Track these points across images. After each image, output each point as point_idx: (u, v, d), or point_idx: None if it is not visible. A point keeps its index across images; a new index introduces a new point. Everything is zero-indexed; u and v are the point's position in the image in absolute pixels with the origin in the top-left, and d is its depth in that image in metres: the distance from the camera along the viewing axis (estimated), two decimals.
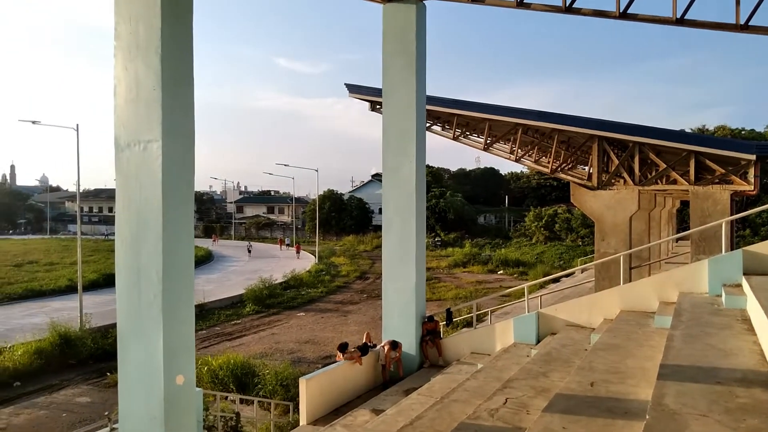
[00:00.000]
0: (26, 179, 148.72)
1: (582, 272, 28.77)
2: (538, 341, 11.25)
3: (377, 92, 17.39)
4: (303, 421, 9.95)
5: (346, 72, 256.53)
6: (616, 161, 19.77)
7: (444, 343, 12.72)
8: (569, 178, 22.51)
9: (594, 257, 23.58)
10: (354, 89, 22.25)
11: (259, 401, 13.24)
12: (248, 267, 46.96)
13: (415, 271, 12.37)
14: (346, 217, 75.58)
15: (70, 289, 31.93)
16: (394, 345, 11.93)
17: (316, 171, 59.46)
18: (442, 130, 24.69)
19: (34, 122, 25.54)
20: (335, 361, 11.19)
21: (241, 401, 13.75)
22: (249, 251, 59.10)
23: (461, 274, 41.97)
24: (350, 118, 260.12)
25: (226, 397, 14.05)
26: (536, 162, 25.65)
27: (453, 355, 12.47)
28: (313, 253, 54.80)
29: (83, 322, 22.14)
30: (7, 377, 17.60)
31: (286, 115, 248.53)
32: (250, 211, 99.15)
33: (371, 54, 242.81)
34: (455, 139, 23.89)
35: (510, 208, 78.18)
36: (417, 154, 12.37)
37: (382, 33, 12.57)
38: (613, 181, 19.85)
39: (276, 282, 34.74)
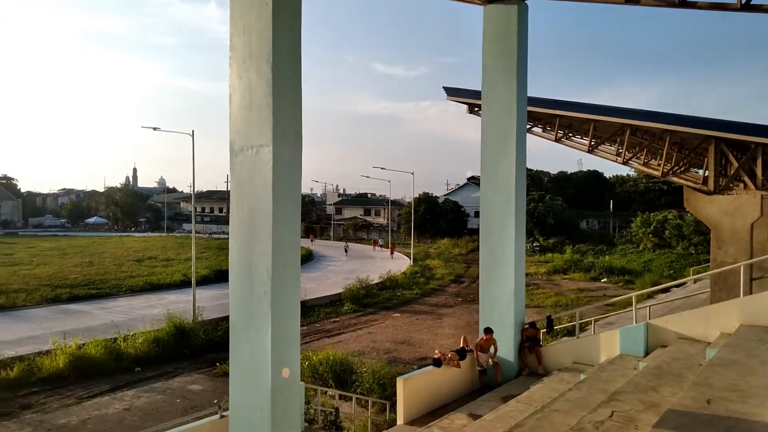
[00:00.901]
0: (146, 181, 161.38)
1: (694, 282, 26.82)
2: (647, 353, 10.66)
3: (476, 94, 17.21)
4: (400, 420, 10.08)
5: (443, 75, 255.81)
6: (736, 164, 18.26)
7: (544, 351, 12.38)
8: (682, 182, 21.06)
9: (710, 267, 21.91)
10: (452, 92, 22.15)
11: (357, 398, 13.54)
12: (346, 267, 48.13)
13: (514, 275, 12.13)
14: (440, 220, 75.35)
15: (184, 284, 34.35)
16: (489, 330, 11.77)
17: (412, 174, 59.96)
18: (543, 131, 23.99)
19: (154, 129, 27.77)
20: (431, 364, 11.22)
21: (340, 397, 14.13)
22: (346, 251, 61.33)
23: (561, 281, 40.54)
24: (446, 121, 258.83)
25: (325, 392, 14.50)
26: (645, 164, 24.23)
27: (553, 364, 12.10)
28: (407, 255, 55.19)
29: (196, 314, 23.71)
30: (129, 363, 19.23)
31: (383, 119, 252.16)
32: (348, 212, 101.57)
33: (468, 56, 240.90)
34: (557, 141, 23.13)
35: (615, 213, 74.38)
36: (517, 156, 12.15)
37: (482, 34, 12.47)
38: (731, 185, 18.36)
39: (372, 282, 35.38)
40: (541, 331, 13.28)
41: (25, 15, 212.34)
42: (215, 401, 15.29)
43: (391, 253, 59.98)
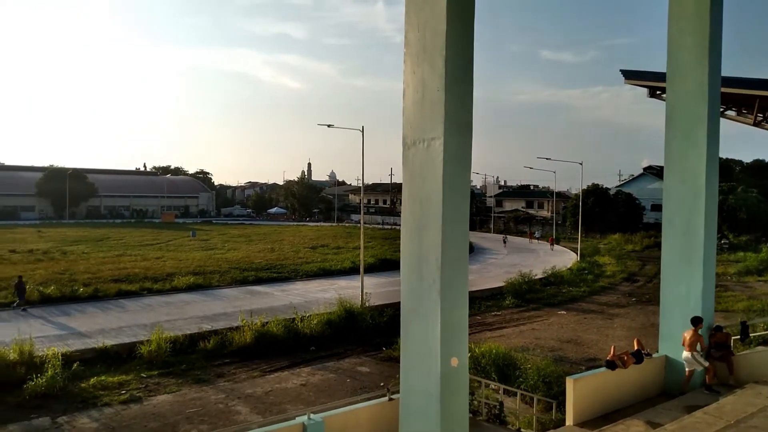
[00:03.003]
0: (319, 175, 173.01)
1: None
2: None
3: (658, 77, 15.82)
4: (569, 421, 9.69)
5: (614, 59, 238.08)
6: None
7: (736, 361, 11.06)
8: None
9: None
10: (630, 75, 20.55)
11: (522, 394, 13.29)
12: (506, 260, 47.25)
13: (702, 275, 10.96)
14: (611, 213, 70.52)
15: (352, 270, 36.33)
16: (698, 321, 10.71)
17: (580, 164, 56.67)
18: (738, 115, 21.32)
19: (329, 126, 29.58)
20: (604, 365, 10.61)
21: (504, 391, 13.97)
22: (504, 243, 61.34)
23: (755, 283, 35.77)
24: (618, 108, 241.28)
25: (488, 385, 14.43)
26: None
27: (747, 375, 10.76)
28: (573, 249, 52.59)
29: (364, 300, 24.97)
30: (305, 342, 20.85)
31: (548, 107, 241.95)
32: (508, 205, 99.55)
33: (642, 37, 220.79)
34: (756, 125, 20.42)
35: None
36: (708, 143, 10.93)
37: (668, 11, 11.39)
38: None
39: (536, 277, 34.31)
40: (732, 337, 11.87)
41: (214, 21, 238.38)
42: (381, 384, 16.07)
43: (551, 245, 58.66)
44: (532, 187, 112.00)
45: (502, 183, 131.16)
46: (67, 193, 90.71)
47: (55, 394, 15.17)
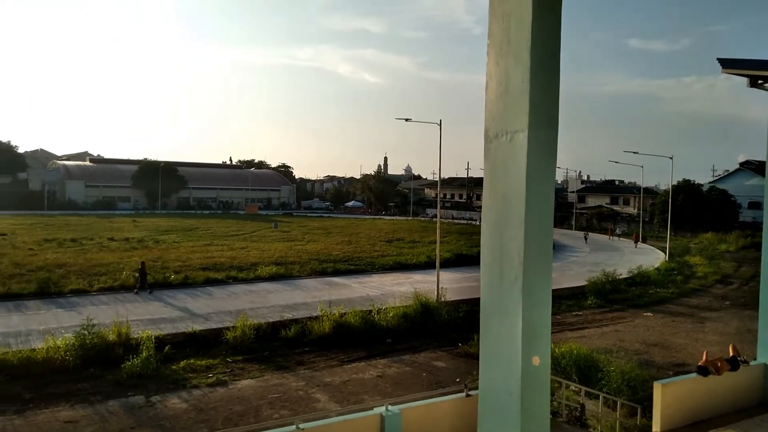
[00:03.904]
0: (395, 169, 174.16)
1: None
2: None
3: (761, 65, 14.63)
4: (656, 427, 9.25)
5: (710, 47, 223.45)
6: None
7: None
8: None
9: None
10: (729, 63, 19.03)
11: (604, 397, 12.81)
12: (589, 258, 45.62)
13: None
14: (703, 211, 66.40)
15: (427, 265, 36.36)
16: None
17: (670, 159, 53.53)
18: None
19: (406, 120, 29.64)
20: (696, 371, 10.03)
21: (586, 394, 13.52)
22: (585, 239, 60.24)
23: None
24: (713, 99, 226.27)
25: (568, 386, 14.01)
26: None
27: None
28: (661, 249, 49.95)
29: (439, 294, 24.91)
30: (381, 334, 21.07)
31: (635, 99, 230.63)
32: (591, 201, 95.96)
33: (741, 23, 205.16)
34: None
35: None
36: None
37: None
38: None
39: (620, 277, 32.89)
40: None
41: (292, 17, 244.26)
42: (458, 380, 15.98)
43: (635, 242, 57.18)
44: (617, 183, 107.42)
45: (585, 178, 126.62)
46: (160, 185, 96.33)
47: (149, 374, 16.19)
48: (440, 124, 27.48)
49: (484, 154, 8.09)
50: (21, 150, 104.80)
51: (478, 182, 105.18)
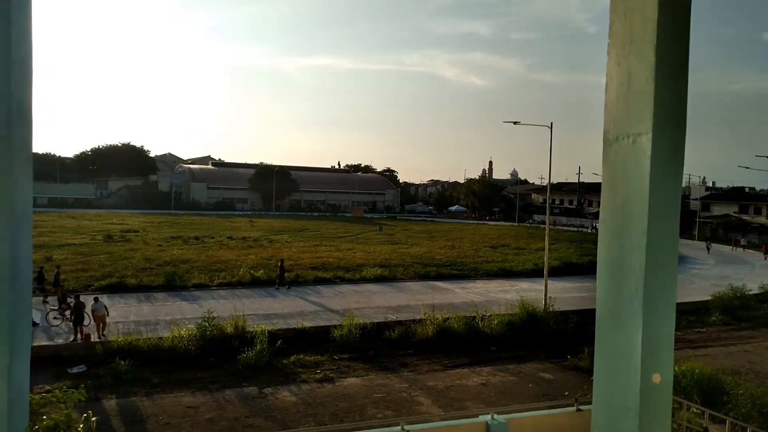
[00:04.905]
0: (501, 173, 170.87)
1: None
2: None
3: None
4: None
5: None
6: None
7: None
8: None
9: None
10: None
11: (731, 422, 11.76)
12: (713, 272, 42.08)
13: None
14: None
15: (534, 273, 35.30)
16: None
17: None
18: None
19: (515, 123, 29.02)
20: None
21: (710, 417, 12.50)
22: (708, 250, 56.61)
23: None
24: None
25: (689, 408, 13.02)
26: None
27: None
28: None
29: (547, 304, 24.08)
30: (485, 341, 20.74)
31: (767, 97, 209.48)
32: (717, 209, 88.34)
33: None
34: None
35: None
36: None
37: None
38: None
39: (750, 292, 30.01)
40: None
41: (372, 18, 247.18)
42: (566, 393, 15.36)
43: (765, 254, 53.00)
44: (747, 190, 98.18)
45: (710, 184, 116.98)
46: (274, 188, 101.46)
47: (262, 366, 17.10)
48: (551, 127, 26.64)
49: (602, 158, 7.76)
50: (152, 154, 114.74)
51: (590, 187, 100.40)
